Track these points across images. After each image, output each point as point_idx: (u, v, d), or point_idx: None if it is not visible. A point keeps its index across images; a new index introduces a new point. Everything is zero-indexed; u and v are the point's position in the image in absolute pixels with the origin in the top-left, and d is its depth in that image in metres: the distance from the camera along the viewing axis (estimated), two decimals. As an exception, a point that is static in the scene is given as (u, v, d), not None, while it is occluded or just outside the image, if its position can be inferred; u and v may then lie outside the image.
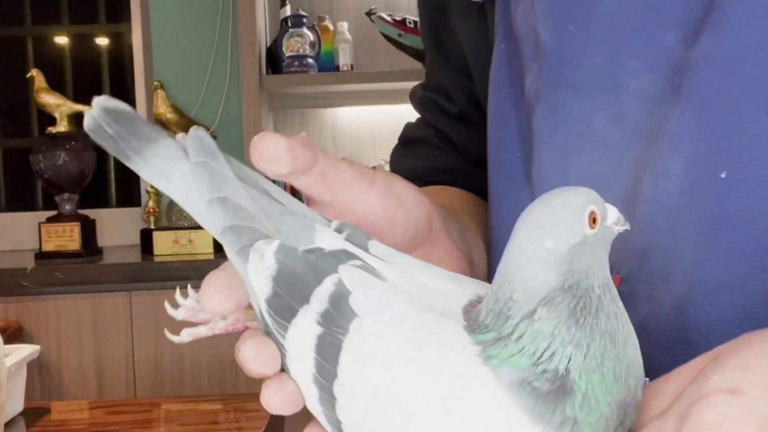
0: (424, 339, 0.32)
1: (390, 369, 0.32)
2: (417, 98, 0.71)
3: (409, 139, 0.71)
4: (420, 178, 0.67)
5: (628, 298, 0.42)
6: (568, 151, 0.45)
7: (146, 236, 2.15)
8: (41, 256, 2.10)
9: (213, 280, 0.37)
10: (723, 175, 0.39)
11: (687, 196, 0.40)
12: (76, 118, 2.20)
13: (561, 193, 0.32)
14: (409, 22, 2.18)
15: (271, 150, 0.37)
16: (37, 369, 1.91)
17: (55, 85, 2.25)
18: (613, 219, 0.33)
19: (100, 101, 0.36)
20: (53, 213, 2.17)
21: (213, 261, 1.99)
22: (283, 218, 0.36)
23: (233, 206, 0.36)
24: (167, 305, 0.39)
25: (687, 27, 0.41)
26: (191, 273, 1.94)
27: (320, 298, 0.34)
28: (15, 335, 1.88)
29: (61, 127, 2.15)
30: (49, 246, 2.11)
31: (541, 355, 0.30)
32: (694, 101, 0.40)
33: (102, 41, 2.58)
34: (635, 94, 0.43)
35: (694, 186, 0.40)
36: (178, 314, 0.39)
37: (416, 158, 0.69)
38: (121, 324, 1.95)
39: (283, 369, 0.36)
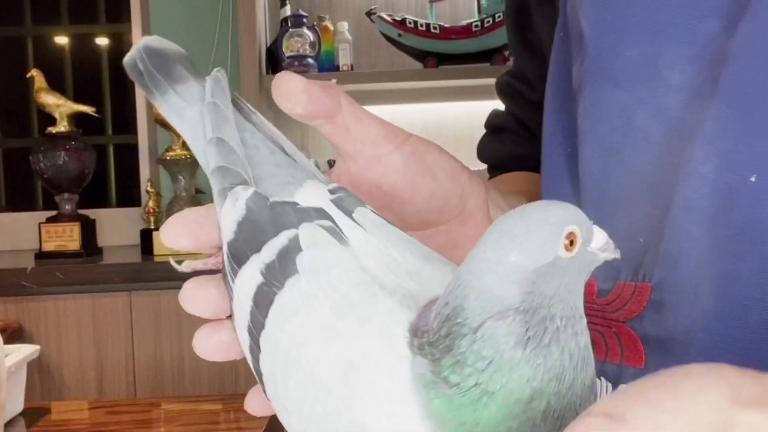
0: (350, 309, 0.31)
1: (305, 330, 0.32)
2: (500, 85, 0.70)
3: (493, 127, 0.69)
4: (503, 166, 0.67)
5: (657, 308, 0.40)
6: (611, 147, 0.43)
7: (146, 236, 2.15)
8: (41, 256, 2.10)
9: (179, 215, 0.38)
10: (753, 179, 0.36)
11: (718, 200, 0.37)
12: (76, 118, 2.20)
13: (542, 205, 0.29)
14: (409, 22, 2.18)
15: (287, 88, 0.37)
16: (37, 369, 1.91)
17: (55, 85, 2.25)
18: (598, 244, 0.29)
19: (147, 40, 0.39)
20: (53, 213, 2.17)
21: (213, 261, 1.99)
22: (276, 169, 0.37)
23: (227, 149, 0.36)
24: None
25: (730, 14, 0.39)
26: (191, 273, 1.94)
27: (271, 249, 0.34)
28: (15, 335, 1.88)
29: (61, 127, 2.15)
30: (49, 246, 2.11)
31: (475, 376, 0.28)
32: (728, 96, 0.38)
33: (102, 41, 2.58)
34: (677, 87, 0.40)
35: (725, 189, 0.37)
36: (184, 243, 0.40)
37: (500, 146, 0.68)
38: (121, 324, 1.95)
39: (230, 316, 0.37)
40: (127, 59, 0.39)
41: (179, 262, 0.40)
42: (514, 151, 0.66)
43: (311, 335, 0.31)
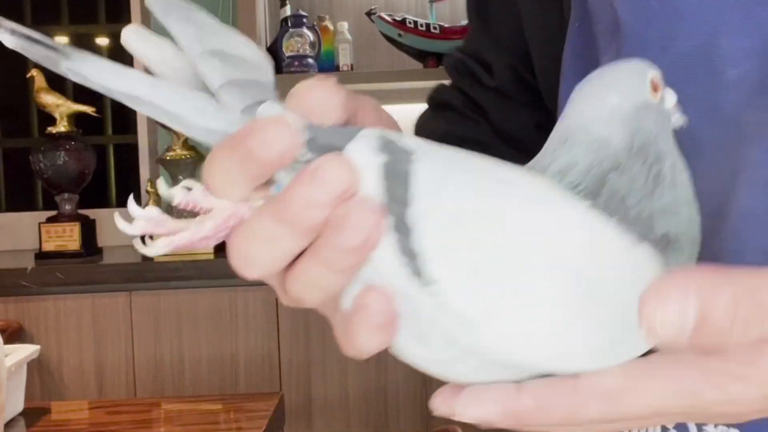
0: (501, 164, 0.30)
1: (476, 187, 0.29)
2: (451, 62, 0.65)
3: (436, 103, 0.66)
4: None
5: None
6: None
7: (146, 236, 2.15)
8: (41, 256, 2.10)
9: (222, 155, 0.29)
10: None
11: None
12: (76, 118, 2.20)
13: (621, 60, 0.31)
14: (409, 22, 2.18)
15: (325, 101, 0.30)
16: (37, 369, 1.91)
17: (55, 85, 2.25)
18: (671, 103, 0.31)
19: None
20: (53, 213, 2.17)
21: (213, 261, 1.99)
22: None
23: (234, 59, 0.30)
24: (118, 219, 0.32)
25: None
26: (191, 273, 1.94)
27: (368, 136, 0.29)
28: (15, 335, 1.88)
29: (61, 127, 2.15)
30: (49, 246, 2.11)
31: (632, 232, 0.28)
32: None
33: (102, 41, 2.58)
34: (733, 83, 0.36)
35: None
36: (133, 229, 0.32)
37: (438, 123, 0.64)
38: (121, 324, 1.95)
39: None
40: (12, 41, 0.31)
41: (147, 239, 0.33)
42: (456, 132, 0.61)
43: (482, 187, 0.29)
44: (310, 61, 2.19)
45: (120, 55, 2.52)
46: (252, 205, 0.30)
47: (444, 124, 0.63)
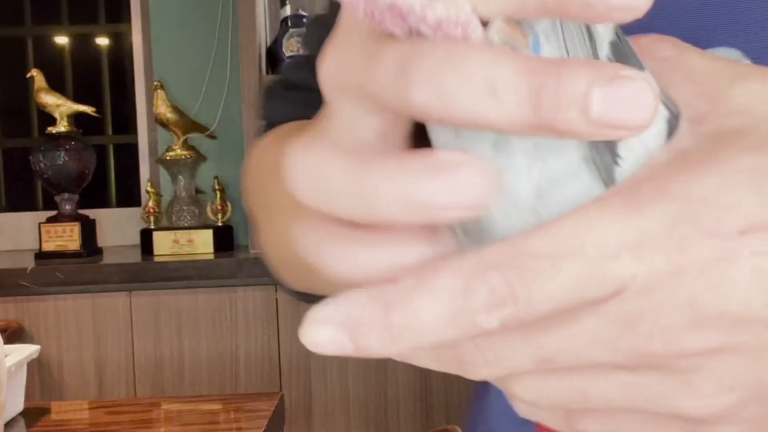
0: None
1: None
2: (315, 35, 0.56)
3: (292, 83, 0.57)
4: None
5: None
6: None
7: (146, 236, 2.15)
8: (41, 256, 2.10)
9: None
10: None
11: None
12: (76, 118, 2.20)
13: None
14: (409, 22, 2.18)
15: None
16: (37, 369, 1.91)
17: (55, 85, 2.25)
18: None
19: None
20: (53, 213, 2.17)
21: (213, 261, 1.99)
22: None
23: None
24: None
25: None
26: (191, 273, 1.94)
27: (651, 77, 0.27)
28: (15, 335, 1.88)
29: (61, 127, 2.16)
30: (49, 246, 2.11)
31: None
32: None
33: (102, 41, 2.58)
34: None
35: None
36: None
37: (295, 107, 0.55)
38: (121, 324, 1.95)
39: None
40: None
41: None
42: (309, 117, 0.48)
43: None
44: (310, 61, 2.19)
45: (120, 55, 2.52)
46: (488, 35, 0.21)
47: (297, 108, 0.53)
